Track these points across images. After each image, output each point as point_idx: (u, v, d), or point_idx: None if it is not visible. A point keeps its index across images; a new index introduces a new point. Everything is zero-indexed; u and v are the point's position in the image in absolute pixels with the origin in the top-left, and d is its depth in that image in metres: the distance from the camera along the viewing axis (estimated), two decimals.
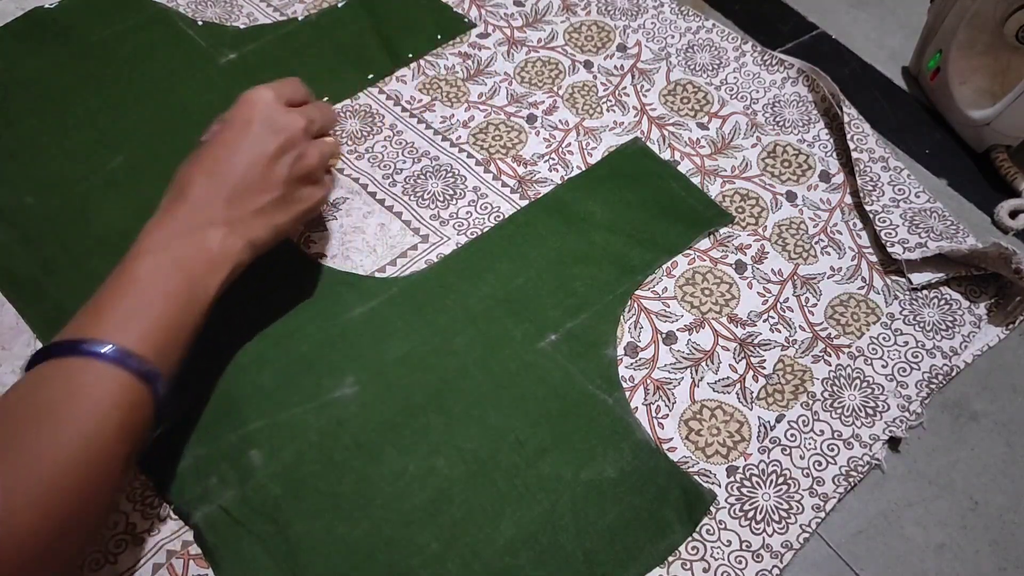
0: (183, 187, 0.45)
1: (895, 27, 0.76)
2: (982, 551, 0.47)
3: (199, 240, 0.44)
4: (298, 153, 0.47)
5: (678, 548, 0.46)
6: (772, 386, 0.52)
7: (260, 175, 0.46)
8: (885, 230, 0.58)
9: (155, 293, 0.42)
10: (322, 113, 0.51)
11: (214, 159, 0.46)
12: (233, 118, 0.47)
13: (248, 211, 0.46)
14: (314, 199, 0.49)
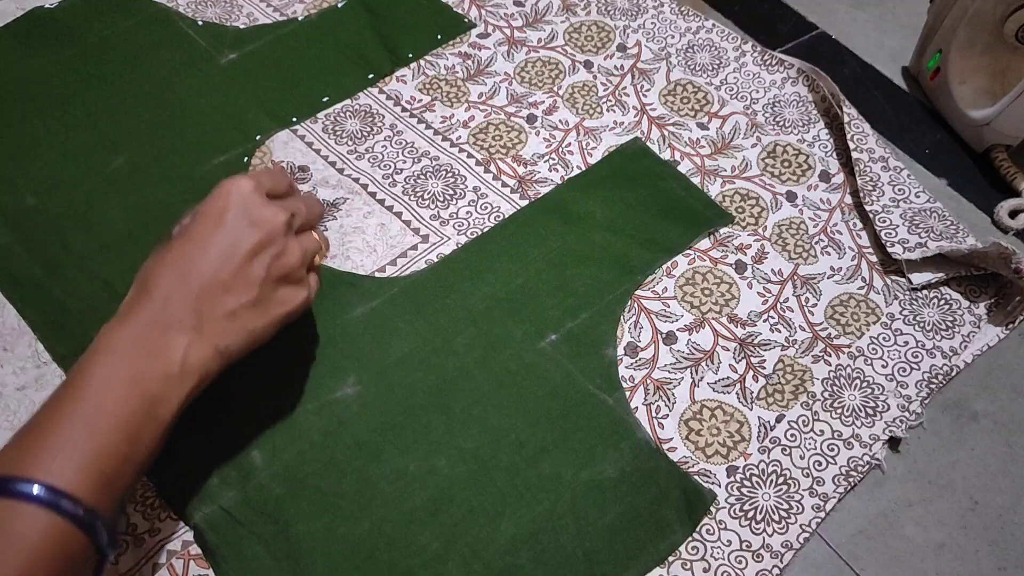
0: (147, 285, 0.40)
1: (895, 27, 0.76)
2: (982, 551, 0.47)
3: (161, 347, 0.39)
4: (277, 251, 0.42)
5: (678, 548, 0.46)
6: (772, 386, 0.52)
7: (233, 274, 0.41)
8: (885, 230, 0.58)
9: (102, 416, 0.37)
10: (307, 206, 0.46)
11: (183, 255, 0.41)
12: (207, 210, 0.42)
13: (219, 314, 0.40)
14: (294, 302, 0.44)
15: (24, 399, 0.50)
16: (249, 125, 0.64)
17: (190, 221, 0.43)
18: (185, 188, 0.60)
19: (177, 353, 0.39)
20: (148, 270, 0.41)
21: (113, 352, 0.38)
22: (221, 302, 0.41)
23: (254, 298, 0.41)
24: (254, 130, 0.64)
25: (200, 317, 0.40)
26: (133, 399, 0.37)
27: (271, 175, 0.45)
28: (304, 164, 0.62)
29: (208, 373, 0.40)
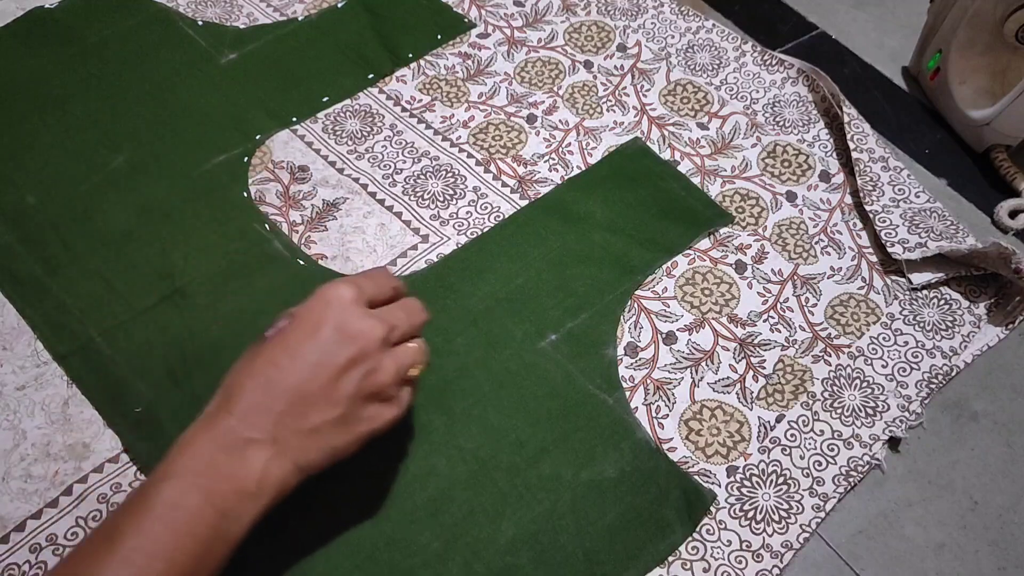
0: (231, 394, 0.39)
1: (895, 27, 0.76)
2: (982, 551, 0.47)
3: (239, 463, 0.37)
4: (371, 367, 0.40)
5: (678, 548, 0.46)
6: (772, 386, 0.52)
7: (322, 389, 0.39)
8: (885, 230, 0.58)
9: (171, 533, 0.35)
10: (408, 315, 0.43)
11: (272, 364, 0.39)
12: (303, 317, 0.40)
13: (302, 430, 0.39)
14: (381, 420, 0.41)
15: (24, 398, 0.50)
16: (249, 125, 0.64)
17: (285, 325, 0.41)
18: (185, 187, 0.60)
19: (255, 470, 0.37)
20: (235, 375, 0.40)
21: (189, 466, 0.37)
22: (305, 417, 0.39)
23: (340, 415, 0.39)
24: (254, 130, 0.64)
25: (282, 431, 0.38)
26: (206, 518, 0.36)
27: (375, 281, 0.43)
28: (304, 164, 0.62)
29: (285, 489, 0.39)
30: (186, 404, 0.50)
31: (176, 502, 0.36)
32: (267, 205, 0.59)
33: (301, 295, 0.54)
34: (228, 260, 0.56)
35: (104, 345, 0.52)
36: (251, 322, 0.53)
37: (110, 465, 0.48)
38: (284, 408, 0.38)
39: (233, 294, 0.54)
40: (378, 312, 0.41)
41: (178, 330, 0.53)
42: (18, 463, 0.48)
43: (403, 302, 0.44)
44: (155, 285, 0.55)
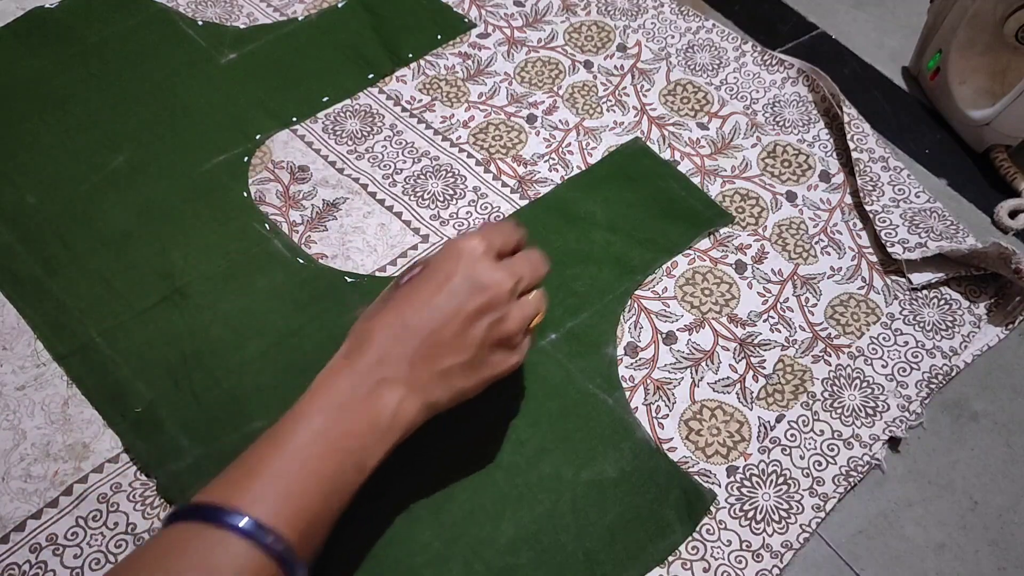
0: (366, 337, 0.41)
1: (895, 27, 0.76)
2: (982, 551, 0.47)
3: (373, 401, 0.40)
4: (498, 316, 0.42)
5: (678, 548, 0.46)
6: (772, 386, 0.52)
7: (453, 335, 0.41)
8: (885, 230, 0.58)
9: (312, 461, 0.38)
10: (532, 267, 0.45)
11: (404, 310, 0.41)
12: (436, 266, 0.43)
13: (433, 372, 0.41)
14: (505, 365, 0.43)
15: (24, 398, 0.50)
16: (249, 125, 0.64)
17: (418, 273, 0.43)
18: (185, 187, 0.60)
19: (389, 407, 0.40)
20: (369, 320, 0.42)
21: (326, 405, 0.39)
22: (436, 360, 0.41)
23: (468, 360, 0.42)
24: (254, 130, 0.64)
25: (415, 373, 0.41)
26: (342, 449, 0.38)
27: (502, 232, 0.45)
28: (304, 164, 0.62)
29: (413, 426, 0.41)
30: (186, 404, 0.50)
31: (319, 432, 0.38)
32: (267, 205, 0.59)
33: (301, 295, 0.55)
34: (228, 260, 0.56)
35: (104, 345, 0.52)
36: (251, 322, 0.53)
37: (110, 465, 0.48)
38: (417, 351, 0.41)
39: (233, 294, 0.55)
40: (505, 264, 0.43)
41: (178, 330, 0.53)
42: (18, 463, 0.48)
43: (527, 254, 0.46)
44: (155, 285, 0.55)
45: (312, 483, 0.37)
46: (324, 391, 0.40)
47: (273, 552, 0.35)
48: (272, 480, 0.37)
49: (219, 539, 0.35)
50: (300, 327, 0.53)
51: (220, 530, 0.35)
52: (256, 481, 0.37)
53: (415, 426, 0.41)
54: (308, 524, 0.37)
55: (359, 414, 0.39)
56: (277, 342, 0.52)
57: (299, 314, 0.54)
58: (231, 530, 0.35)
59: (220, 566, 0.34)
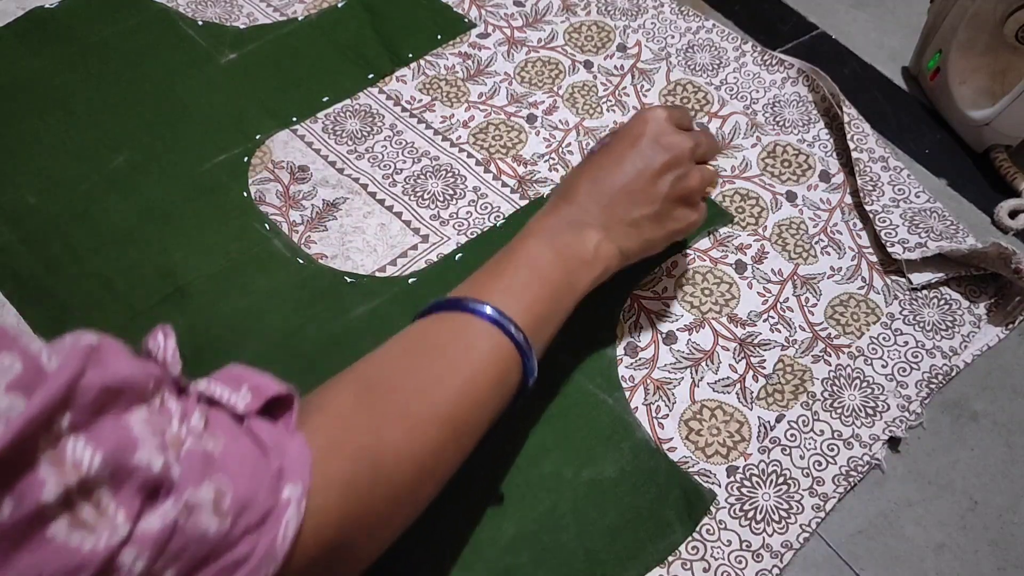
0: (569, 189, 0.48)
1: (895, 27, 0.76)
2: (982, 551, 0.47)
3: (577, 238, 0.45)
4: (681, 173, 0.48)
5: (678, 548, 0.46)
6: (772, 386, 0.52)
7: (642, 188, 0.47)
8: (885, 230, 0.58)
9: (536, 274, 0.44)
10: (708, 139, 0.51)
11: (600, 167, 0.48)
12: (625, 131, 0.49)
13: (624, 220, 0.47)
14: (687, 220, 0.49)
15: None
16: (249, 125, 0.64)
17: (609, 139, 0.49)
18: (185, 187, 0.60)
19: (590, 244, 0.45)
20: (571, 178, 0.49)
21: (542, 234, 0.45)
22: (627, 210, 0.47)
23: (655, 211, 0.47)
24: (254, 130, 0.64)
25: (609, 220, 0.46)
26: (559, 268, 0.44)
27: (681, 110, 0.51)
28: (304, 164, 0.62)
29: (609, 267, 0.46)
30: None
31: (537, 255, 0.44)
32: (267, 205, 0.59)
33: (301, 295, 0.55)
34: (228, 260, 0.56)
35: None
36: (251, 322, 0.53)
37: None
38: (611, 202, 0.47)
39: (233, 294, 0.55)
40: (686, 132, 0.50)
41: (179, 330, 0.52)
42: None
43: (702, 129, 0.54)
44: (156, 285, 0.55)
45: (539, 288, 0.43)
46: (537, 227, 0.46)
47: (513, 338, 0.41)
48: (508, 282, 0.43)
49: (469, 323, 0.41)
50: (300, 327, 0.53)
51: (469, 316, 0.41)
52: (494, 284, 0.43)
53: (611, 268, 0.46)
54: (537, 322, 0.42)
55: (569, 245, 0.45)
56: (277, 342, 0.52)
57: (299, 314, 0.54)
58: (479, 316, 0.41)
59: (470, 344, 0.40)
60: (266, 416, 0.33)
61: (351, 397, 0.37)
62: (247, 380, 0.34)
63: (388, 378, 0.39)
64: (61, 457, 0.24)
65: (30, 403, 0.24)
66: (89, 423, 0.26)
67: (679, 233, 0.50)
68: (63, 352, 0.26)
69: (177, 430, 0.29)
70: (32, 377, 0.25)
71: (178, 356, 0.33)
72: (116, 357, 0.28)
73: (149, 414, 0.28)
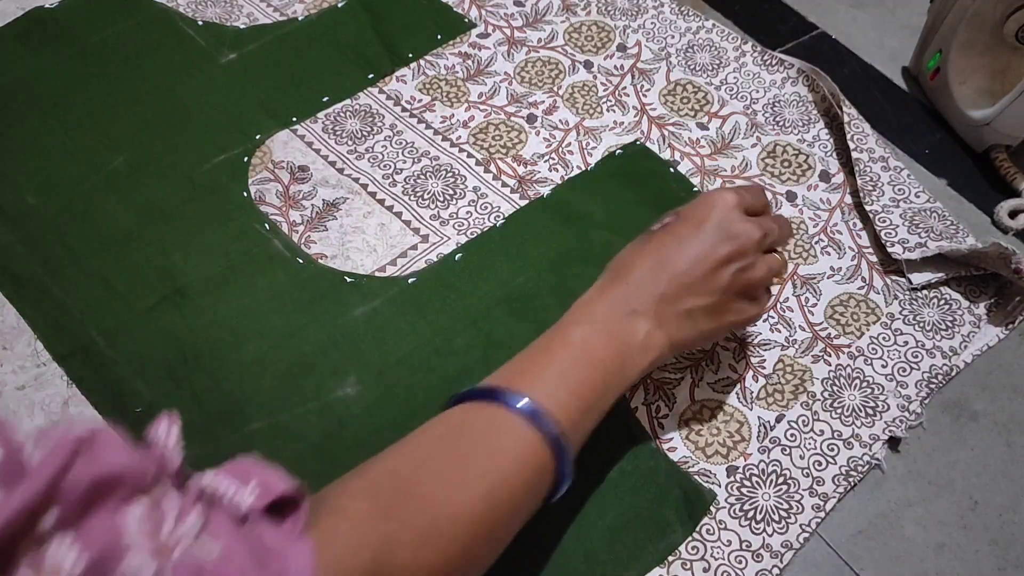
0: (623, 270, 0.45)
1: (895, 27, 0.76)
2: (982, 551, 0.47)
3: (627, 323, 0.43)
4: (746, 264, 0.44)
5: (678, 548, 0.46)
6: (772, 386, 0.52)
7: (702, 277, 0.44)
8: (885, 230, 0.58)
9: (586, 356, 0.41)
10: (779, 227, 0.48)
11: (659, 249, 0.45)
12: (689, 214, 0.46)
13: (679, 310, 0.43)
14: (746, 315, 0.46)
15: (24, 398, 0.50)
16: (249, 125, 0.64)
17: (672, 220, 0.46)
18: (185, 187, 0.60)
19: (640, 332, 0.43)
20: (625, 257, 0.46)
21: (592, 317, 0.43)
22: (683, 299, 0.43)
23: (713, 303, 0.44)
24: (254, 130, 0.64)
25: (662, 309, 0.43)
26: (611, 353, 0.42)
27: (754, 192, 0.47)
28: (304, 164, 0.62)
29: (660, 357, 0.43)
30: (186, 404, 0.50)
31: (584, 340, 0.42)
32: (267, 205, 0.59)
33: (301, 295, 0.55)
34: (228, 260, 0.56)
35: (104, 345, 0.52)
36: (251, 322, 0.53)
37: None
38: (666, 289, 0.43)
39: (233, 294, 0.55)
40: (756, 219, 0.46)
41: (178, 330, 0.53)
42: None
43: (776, 216, 0.48)
44: (155, 285, 0.55)
45: (586, 374, 0.40)
46: (585, 310, 0.44)
47: (548, 435, 0.38)
48: (548, 373, 0.40)
49: (500, 417, 0.38)
50: (300, 327, 0.53)
51: (501, 408, 0.38)
52: (533, 372, 0.40)
53: (662, 358, 0.44)
54: (581, 413, 0.39)
55: (619, 329, 0.42)
56: (277, 342, 0.52)
57: (299, 314, 0.54)
58: (511, 409, 0.38)
59: (500, 441, 0.37)
60: (274, 513, 0.31)
61: (367, 502, 0.34)
62: (256, 475, 0.32)
63: (409, 482, 0.36)
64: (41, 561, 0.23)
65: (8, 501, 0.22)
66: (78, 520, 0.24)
67: (737, 326, 0.47)
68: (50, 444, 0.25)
69: (172, 530, 0.27)
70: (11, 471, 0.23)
71: (180, 446, 0.31)
72: (110, 448, 0.27)
73: (144, 511, 0.27)
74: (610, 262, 0.46)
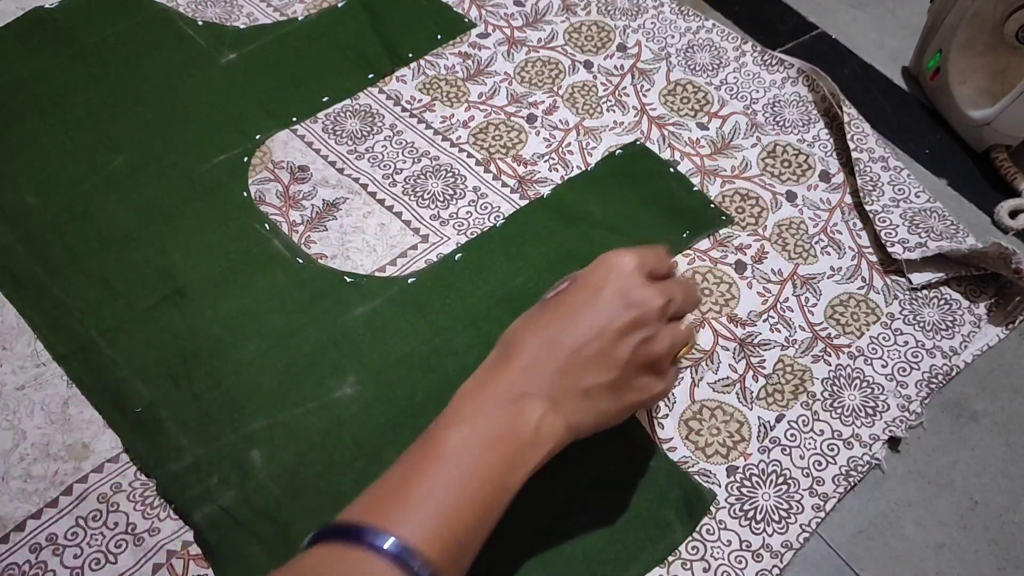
0: (512, 347, 0.40)
1: (895, 27, 0.76)
2: (982, 551, 0.47)
3: (516, 414, 0.38)
4: (647, 335, 0.40)
5: (678, 548, 0.46)
6: (772, 386, 0.52)
7: (599, 351, 0.39)
8: (885, 230, 0.58)
9: (462, 475, 0.36)
10: (684, 292, 0.43)
11: (552, 321, 0.40)
12: (585, 279, 0.41)
13: (577, 389, 0.39)
14: (650, 392, 0.41)
15: (24, 398, 0.50)
16: (249, 125, 0.64)
17: (566, 287, 0.42)
18: (185, 187, 0.60)
19: (531, 421, 0.38)
20: (515, 332, 0.41)
21: (473, 413, 0.38)
22: (580, 378, 0.39)
23: (613, 380, 0.40)
24: (254, 130, 0.64)
25: (558, 390, 0.39)
26: (489, 464, 0.37)
27: (656, 254, 0.43)
28: (304, 164, 0.62)
29: (557, 446, 0.39)
30: (186, 404, 0.50)
31: (462, 447, 0.37)
32: (267, 205, 0.59)
33: (301, 295, 0.55)
34: (228, 260, 0.56)
35: (104, 345, 0.52)
36: (251, 322, 0.53)
37: (110, 465, 0.48)
38: (561, 367, 0.39)
39: (233, 294, 0.55)
40: (658, 284, 0.42)
41: (178, 330, 0.53)
42: (18, 463, 0.48)
43: (679, 279, 0.45)
44: (155, 285, 0.55)
45: (462, 500, 0.36)
46: (467, 403, 0.39)
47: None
48: (420, 496, 0.35)
49: (362, 561, 0.33)
50: (300, 327, 0.53)
51: (366, 552, 0.33)
52: (401, 499, 0.35)
53: (557, 447, 0.39)
54: (457, 546, 0.35)
55: (503, 428, 0.38)
56: (277, 342, 0.52)
57: (299, 314, 0.54)
58: (377, 552, 0.33)
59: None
60: None
61: None
62: None
63: None
64: None
65: None
66: None
67: (641, 405, 0.42)
68: None
69: None
70: None
71: None
72: None
73: None
74: (503, 334, 0.41)
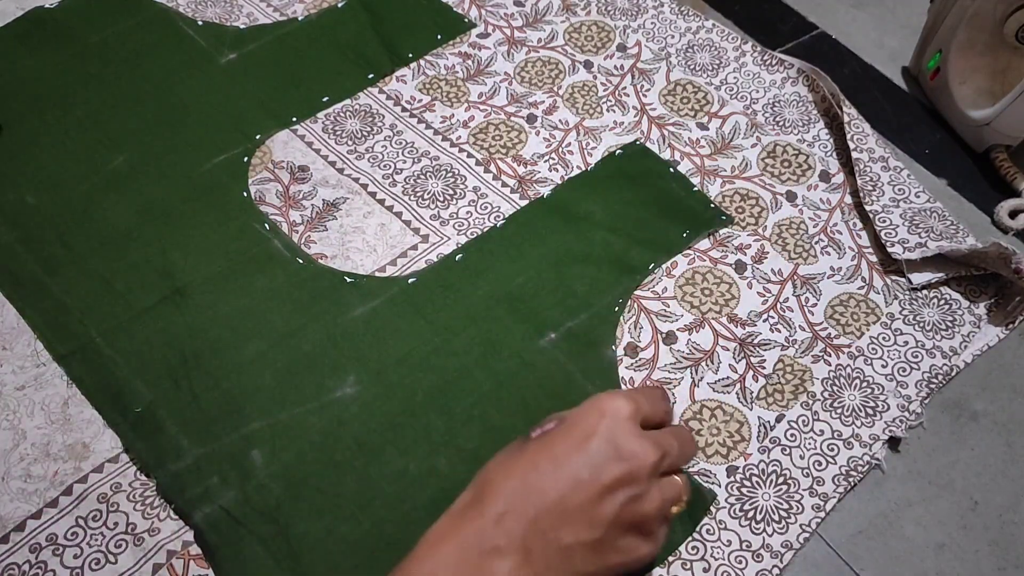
0: (487, 491, 0.37)
1: (895, 27, 0.76)
2: (982, 551, 0.47)
3: (482, 569, 0.35)
4: (636, 493, 0.37)
5: (678, 548, 0.46)
6: (772, 386, 0.52)
7: (582, 506, 0.36)
8: (885, 230, 0.58)
9: None
10: (680, 444, 0.40)
11: (533, 466, 0.37)
12: (574, 423, 0.38)
13: (552, 546, 0.36)
14: (635, 554, 0.38)
15: (24, 398, 0.50)
16: (249, 125, 0.64)
17: (553, 428, 0.39)
18: (185, 187, 0.60)
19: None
20: (490, 474, 0.38)
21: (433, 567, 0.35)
22: (558, 532, 0.36)
23: (595, 539, 0.36)
24: (254, 130, 0.64)
25: (533, 543, 0.36)
26: None
27: (652, 399, 0.40)
28: (304, 164, 0.62)
29: None
30: (186, 404, 0.50)
31: None
32: (267, 205, 0.59)
33: (301, 295, 0.55)
34: (228, 260, 0.56)
35: (104, 345, 0.52)
36: (251, 322, 0.53)
37: (110, 465, 0.48)
38: (539, 518, 0.36)
39: (233, 294, 0.55)
40: (652, 435, 0.39)
41: (178, 330, 0.53)
42: (18, 463, 0.48)
43: (676, 429, 0.41)
44: (155, 285, 0.55)
45: None
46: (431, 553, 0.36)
47: None
48: None
49: None
50: (300, 327, 0.53)
51: None
52: None
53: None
54: None
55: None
56: (277, 342, 0.52)
57: (299, 314, 0.54)
58: None
59: None
60: None
61: None
62: None
63: None
64: None
65: None
66: None
67: (623, 568, 0.38)
68: None
69: None
70: None
71: None
72: None
73: None
74: (479, 473, 0.38)
